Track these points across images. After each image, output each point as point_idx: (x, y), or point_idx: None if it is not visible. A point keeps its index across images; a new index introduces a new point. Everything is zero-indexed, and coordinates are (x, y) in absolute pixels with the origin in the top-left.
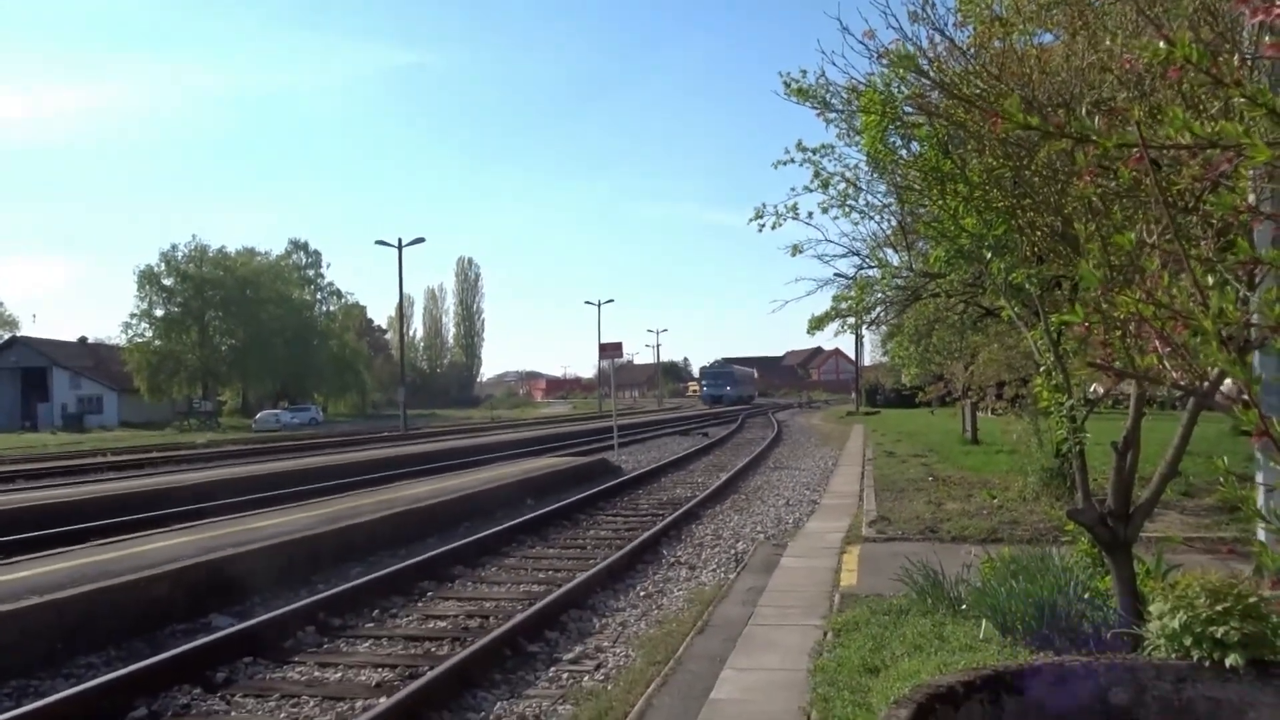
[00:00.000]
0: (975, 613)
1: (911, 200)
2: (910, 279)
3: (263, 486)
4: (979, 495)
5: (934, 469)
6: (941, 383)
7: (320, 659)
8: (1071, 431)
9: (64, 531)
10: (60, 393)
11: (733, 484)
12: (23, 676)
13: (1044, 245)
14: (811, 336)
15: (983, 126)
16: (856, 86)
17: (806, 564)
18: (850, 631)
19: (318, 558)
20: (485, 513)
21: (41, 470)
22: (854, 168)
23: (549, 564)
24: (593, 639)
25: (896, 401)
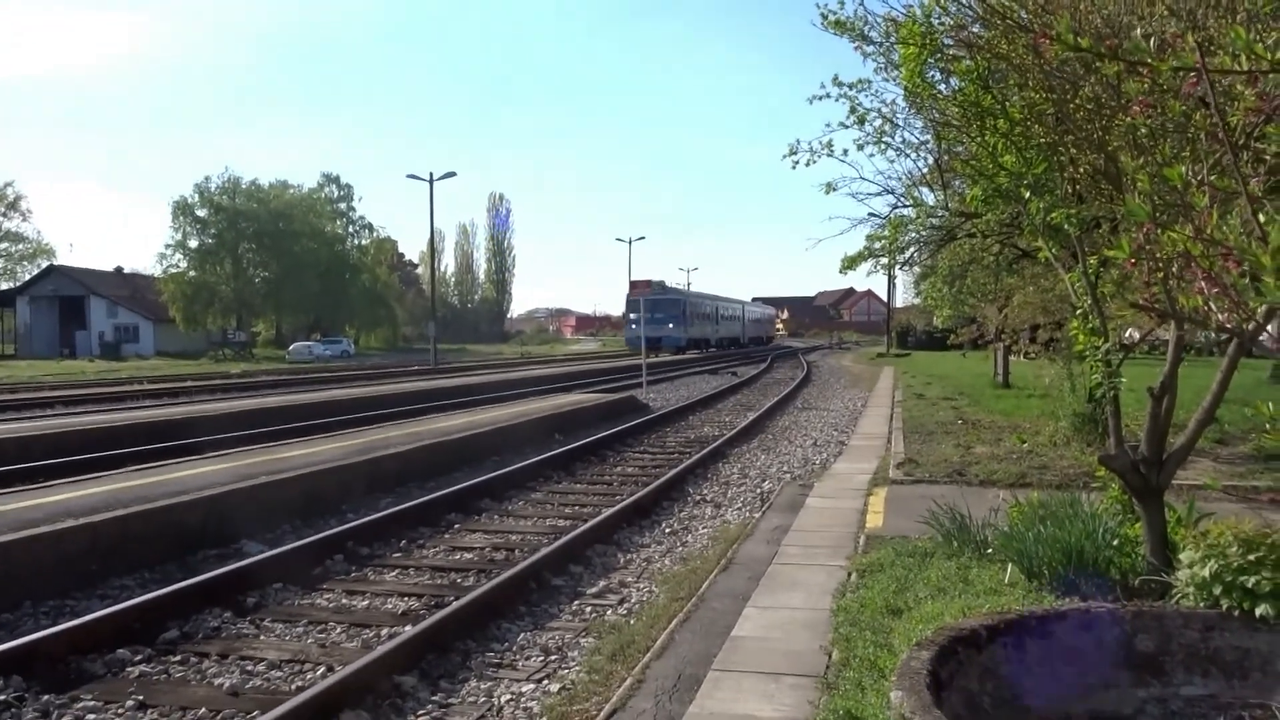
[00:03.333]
0: (1001, 557)
1: (949, 137)
2: (945, 219)
3: (295, 417)
4: (1009, 439)
5: (964, 412)
6: (974, 325)
7: (348, 587)
8: (1106, 376)
9: (100, 457)
10: (98, 321)
11: (760, 423)
12: (59, 597)
13: (1085, 184)
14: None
15: (1026, 58)
16: (896, 18)
17: (832, 504)
18: (874, 573)
19: (347, 488)
20: (513, 447)
21: (79, 397)
22: (891, 103)
23: (575, 499)
24: (617, 574)
25: (928, 344)
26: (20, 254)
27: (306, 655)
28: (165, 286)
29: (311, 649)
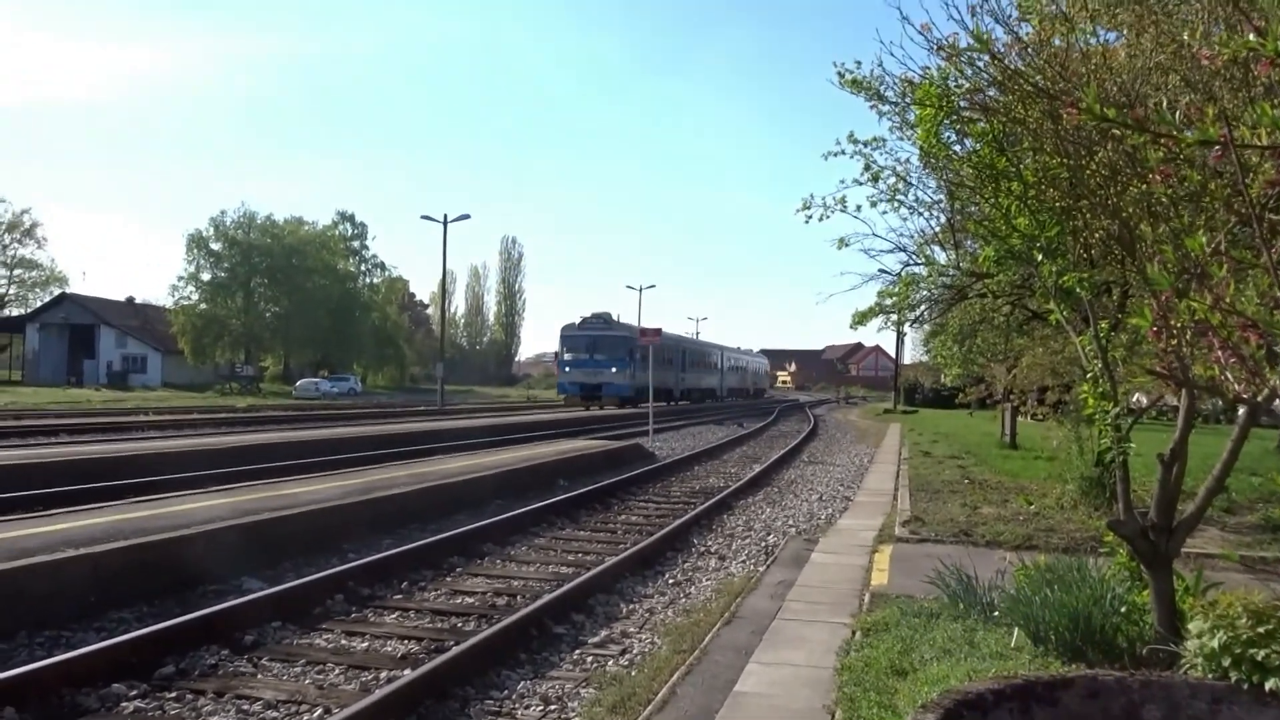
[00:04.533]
0: (1007, 620)
1: (963, 197)
2: (957, 278)
3: (299, 453)
4: (1015, 501)
5: (970, 472)
6: (982, 385)
7: (348, 627)
8: (1115, 441)
9: (102, 487)
10: (106, 350)
11: (766, 476)
12: (56, 628)
13: (1098, 248)
14: (853, 331)
15: (1042, 123)
16: (912, 79)
17: (837, 560)
18: (879, 632)
19: (350, 527)
20: (518, 492)
21: (84, 426)
22: (905, 162)
23: (579, 546)
24: (619, 624)
25: (935, 401)
26: (33, 281)
27: (304, 696)
28: (176, 318)
29: (309, 690)
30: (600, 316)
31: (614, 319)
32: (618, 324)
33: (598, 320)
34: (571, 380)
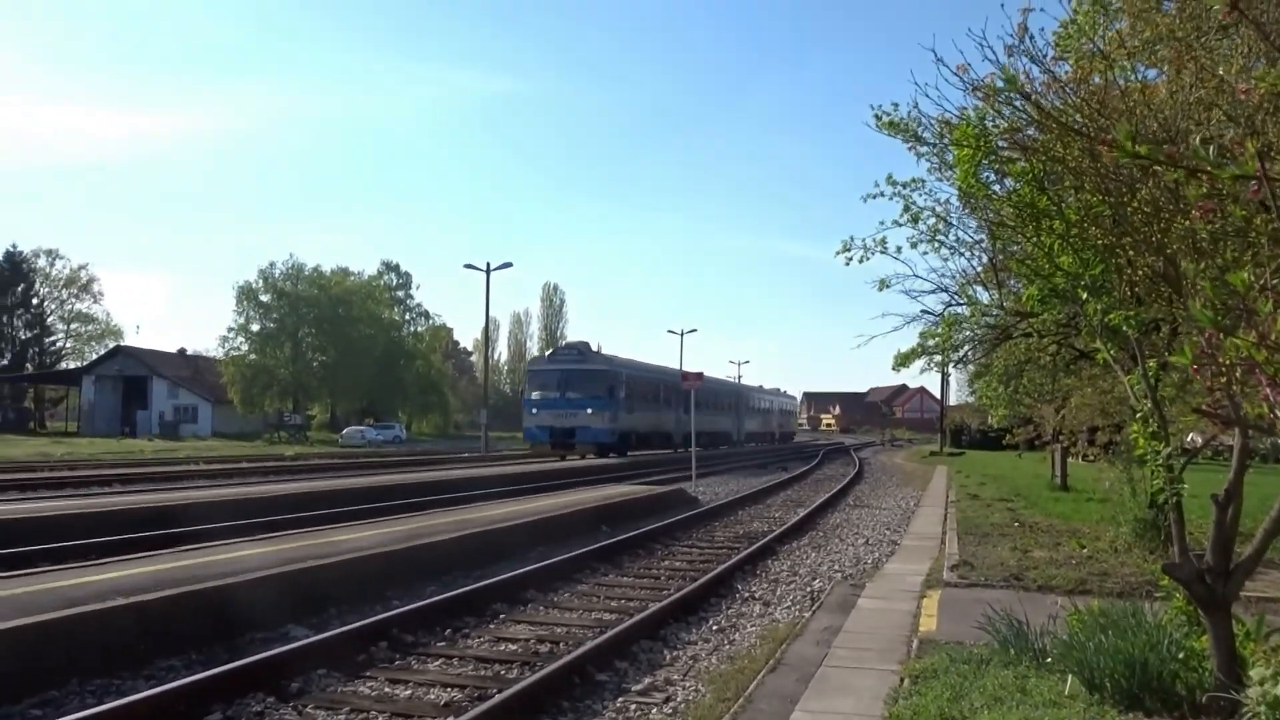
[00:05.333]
0: (1061, 667)
1: (1004, 237)
2: (1000, 318)
3: (345, 501)
4: (1067, 544)
5: (1020, 514)
6: (1030, 425)
7: (391, 675)
8: (1168, 482)
9: (152, 536)
10: (159, 401)
11: (811, 520)
12: (105, 675)
13: (1143, 286)
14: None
15: (1082, 161)
16: (949, 120)
17: (884, 606)
18: (928, 679)
19: (394, 574)
20: (560, 537)
21: (136, 475)
22: (945, 202)
23: (622, 592)
24: (662, 671)
25: (982, 443)
26: (89, 334)
27: None
28: (226, 369)
29: None
30: (574, 347)
31: (592, 349)
32: (596, 355)
33: (571, 352)
34: (539, 424)
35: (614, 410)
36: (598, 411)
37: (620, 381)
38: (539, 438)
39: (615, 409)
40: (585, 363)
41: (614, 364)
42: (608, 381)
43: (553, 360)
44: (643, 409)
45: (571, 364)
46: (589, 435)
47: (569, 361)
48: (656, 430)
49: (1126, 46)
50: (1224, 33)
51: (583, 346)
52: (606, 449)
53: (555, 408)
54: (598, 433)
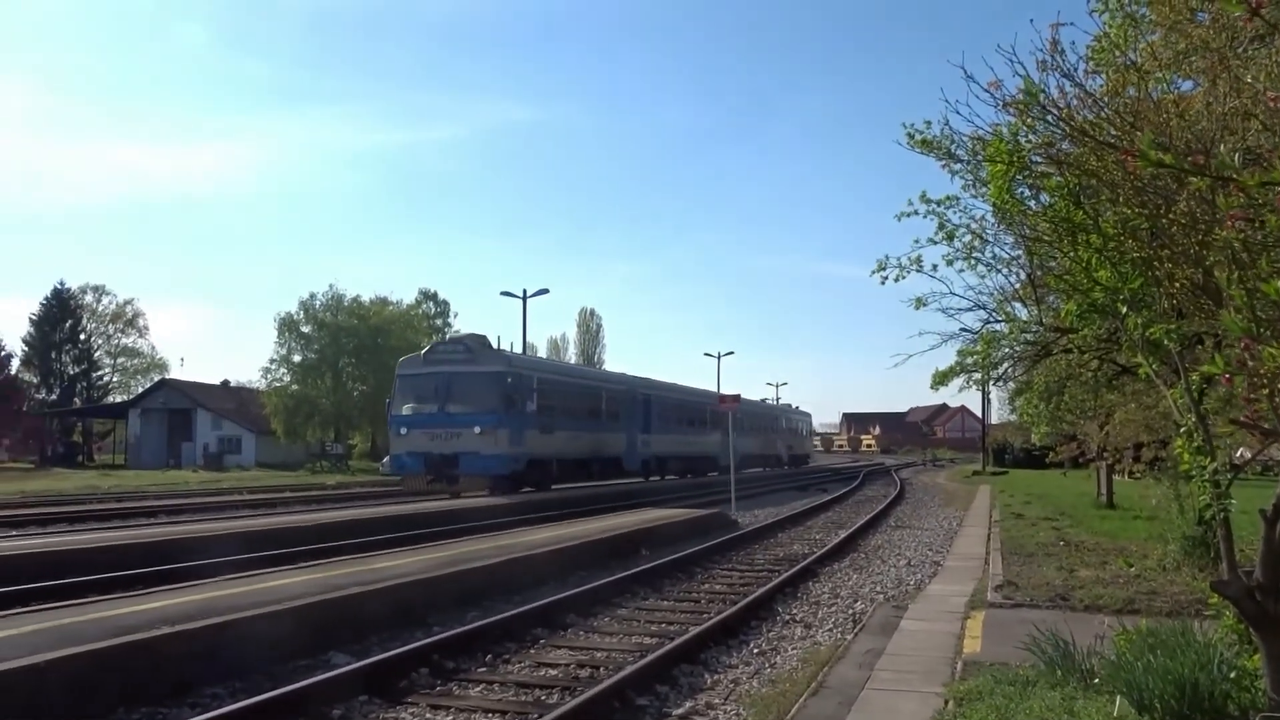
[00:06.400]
0: (1109, 688)
1: (1041, 253)
2: (1040, 334)
3: (386, 528)
4: (1114, 562)
5: (1065, 533)
6: (1074, 443)
7: (432, 701)
8: (1215, 498)
9: (197, 565)
10: (203, 433)
11: (852, 542)
12: (152, 704)
13: (1184, 299)
14: (935, 392)
15: (1117, 174)
16: (982, 136)
17: (928, 627)
18: (973, 701)
19: (434, 600)
20: (600, 562)
21: (181, 506)
22: (980, 220)
23: (662, 616)
24: (703, 695)
25: (1025, 461)
26: (135, 368)
27: None
28: (268, 399)
29: None
30: (462, 342)
31: (488, 344)
32: (490, 352)
33: (456, 348)
34: (410, 448)
35: (517, 428)
36: (490, 430)
37: (528, 389)
38: (409, 467)
39: (519, 426)
40: (474, 363)
41: (517, 364)
42: (507, 388)
43: (430, 360)
44: (570, 426)
45: (455, 365)
46: (478, 464)
47: (452, 361)
48: (596, 455)
49: (1160, 59)
50: (1260, 42)
51: (473, 340)
52: (503, 482)
53: (432, 426)
54: (491, 460)
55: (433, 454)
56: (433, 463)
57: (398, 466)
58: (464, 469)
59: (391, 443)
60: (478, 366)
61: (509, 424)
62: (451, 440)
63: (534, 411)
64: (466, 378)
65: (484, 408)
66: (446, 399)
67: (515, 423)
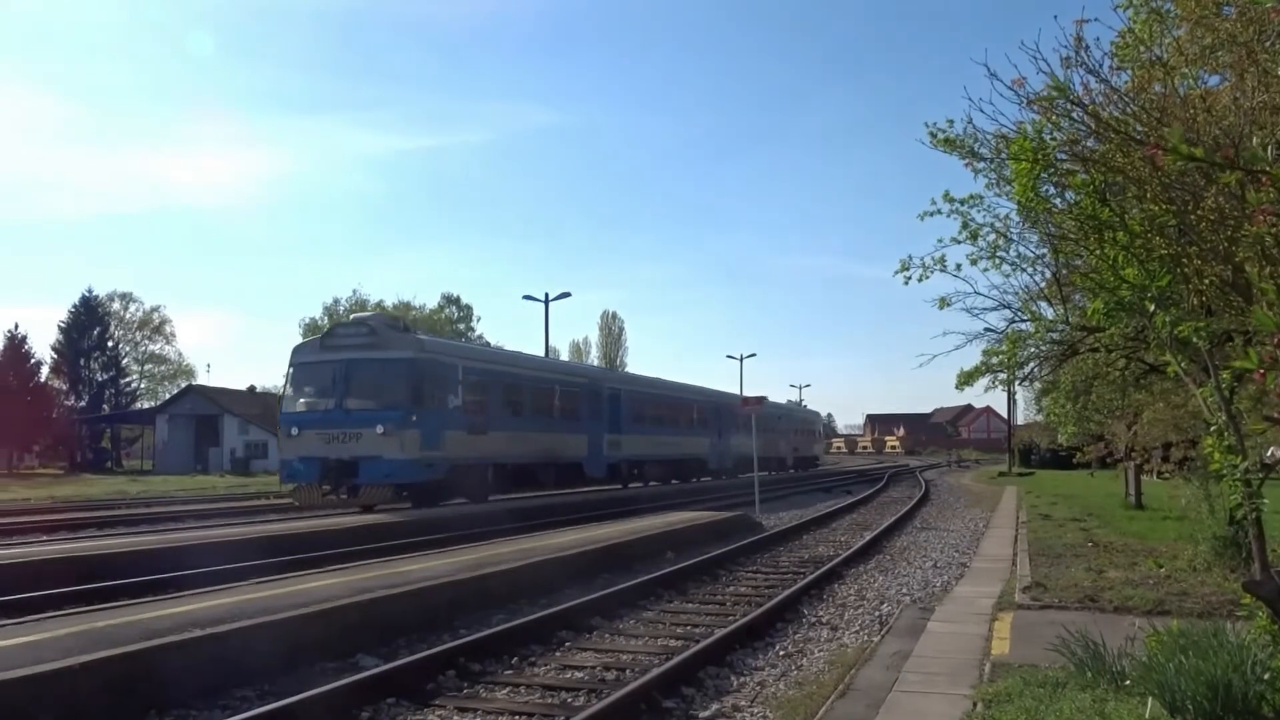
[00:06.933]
0: (1140, 690)
1: (1067, 251)
2: (1066, 333)
3: (410, 532)
4: (1144, 563)
5: (1094, 534)
6: (1102, 443)
7: (459, 703)
8: (1247, 497)
9: (224, 569)
10: (230, 438)
11: (877, 543)
12: (184, 706)
13: (1213, 295)
14: (960, 393)
15: (1143, 171)
16: (1006, 134)
17: (955, 629)
18: (1002, 703)
19: (460, 603)
20: (624, 564)
21: (208, 511)
22: (1004, 218)
23: (687, 619)
24: (729, 697)
25: (1052, 462)
26: (162, 375)
27: None
28: None
29: None
30: (364, 323)
31: (395, 325)
32: (396, 333)
33: (359, 331)
34: (302, 452)
35: (432, 427)
36: (395, 429)
37: (448, 379)
38: (301, 475)
39: (436, 425)
40: (378, 347)
41: (433, 349)
42: (417, 378)
43: (328, 346)
44: (511, 426)
45: (356, 350)
46: (379, 471)
47: (352, 346)
48: (550, 459)
49: (1186, 54)
50: None
51: (379, 321)
52: (408, 490)
53: (327, 425)
54: (396, 466)
55: (329, 459)
56: (329, 470)
57: (288, 474)
58: (364, 477)
59: (281, 445)
60: (381, 352)
61: (421, 422)
62: (350, 442)
63: (458, 407)
64: (368, 366)
65: (388, 402)
66: (345, 392)
67: (430, 420)
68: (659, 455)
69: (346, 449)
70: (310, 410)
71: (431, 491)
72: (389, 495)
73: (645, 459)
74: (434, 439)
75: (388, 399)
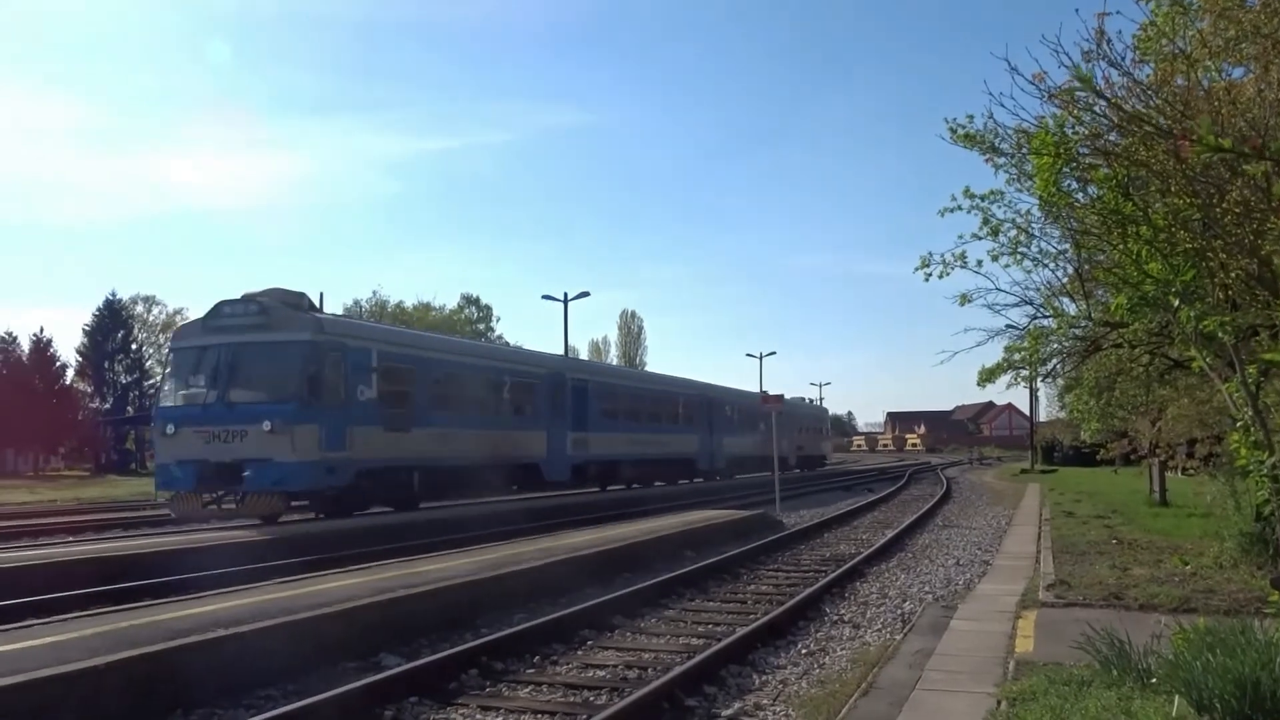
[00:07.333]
0: (1166, 688)
1: (1089, 246)
2: (1089, 329)
3: (430, 531)
4: (1169, 561)
5: (1118, 531)
6: (1125, 440)
7: (482, 702)
8: (1274, 493)
9: (246, 570)
10: None
11: (899, 541)
12: (208, 705)
13: (1238, 290)
14: (982, 390)
15: (1167, 164)
16: (1027, 129)
17: (978, 627)
18: (1026, 701)
19: (481, 602)
20: (644, 563)
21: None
22: (1025, 214)
23: (708, 617)
24: (751, 696)
25: (1075, 459)
26: None
27: None
28: None
29: None
30: (254, 301)
31: (292, 302)
32: (291, 312)
33: (248, 310)
34: (179, 455)
35: (335, 423)
36: (286, 426)
37: (358, 367)
38: (178, 482)
39: (340, 421)
40: (270, 329)
41: (336, 330)
42: (315, 365)
43: (212, 327)
44: (443, 422)
45: (243, 332)
46: (267, 477)
47: (240, 328)
48: (498, 460)
49: (1209, 46)
50: None
51: (272, 298)
52: (303, 497)
53: (207, 422)
54: (288, 471)
55: (209, 462)
56: (209, 475)
57: (164, 481)
58: (249, 484)
59: (156, 446)
60: (272, 334)
61: (319, 417)
62: (234, 442)
63: (372, 400)
64: (256, 351)
65: (279, 394)
66: (229, 382)
67: (332, 415)
68: (636, 455)
69: (229, 450)
70: (189, 404)
71: (337, 500)
72: (278, 505)
73: (619, 459)
74: (337, 437)
75: (278, 390)
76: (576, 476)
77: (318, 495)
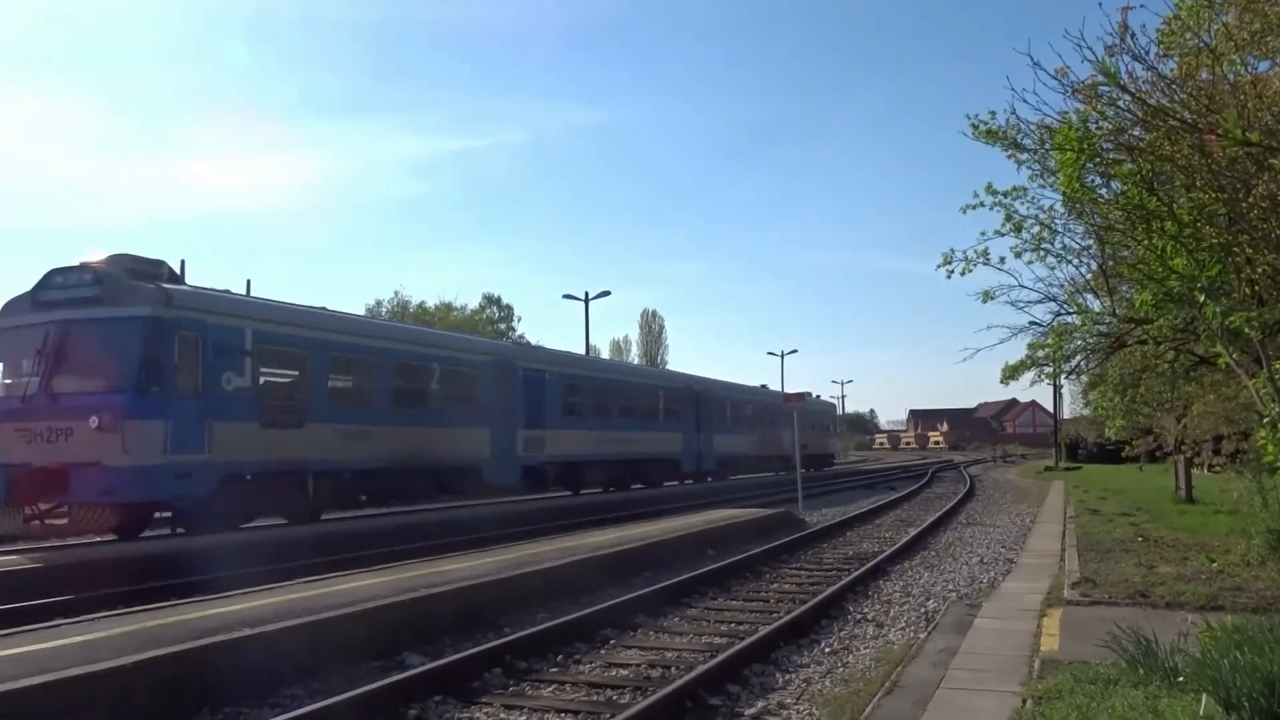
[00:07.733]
0: (1194, 686)
1: (1113, 242)
2: (1113, 325)
3: (452, 531)
4: (1196, 558)
5: (1144, 529)
6: (1150, 436)
7: (506, 701)
8: None
9: (268, 570)
10: None
11: (922, 539)
12: (234, 704)
13: (1265, 285)
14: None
15: (1192, 159)
16: (1049, 125)
17: (1003, 626)
18: (1052, 700)
19: (503, 601)
20: (666, 562)
21: None
22: (1048, 210)
23: (731, 616)
24: (775, 695)
25: (1100, 456)
26: None
27: None
28: None
29: None
30: (88, 269)
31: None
32: (132, 283)
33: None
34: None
35: (188, 417)
36: (116, 423)
37: (223, 347)
38: None
39: (193, 415)
40: (105, 303)
41: (188, 303)
42: (163, 345)
43: (40, 302)
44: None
45: (74, 307)
46: (95, 485)
47: (70, 303)
48: (425, 462)
49: (1235, 39)
50: None
51: (109, 266)
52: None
53: (26, 417)
54: (120, 477)
55: (29, 467)
56: (31, 483)
57: None
58: (73, 494)
59: None
60: (106, 309)
61: (166, 410)
62: (58, 442)
63: (244, 390)
64: (86, 329)
65: (109, 383)
66: (54, 369)
67: (183, 409)
68: (605, 455)
69: (54, 452)
70: (9, 396)
71: (197, 511)
72: (109, 520)
73: (582, 460)
74: (192, 435)
75: (109, 378)
76: (531, 480)
77: (169, 506)
